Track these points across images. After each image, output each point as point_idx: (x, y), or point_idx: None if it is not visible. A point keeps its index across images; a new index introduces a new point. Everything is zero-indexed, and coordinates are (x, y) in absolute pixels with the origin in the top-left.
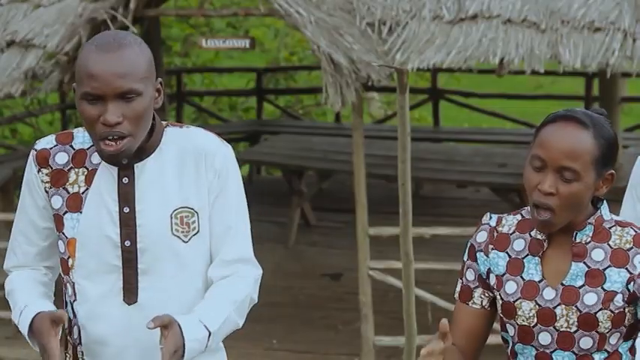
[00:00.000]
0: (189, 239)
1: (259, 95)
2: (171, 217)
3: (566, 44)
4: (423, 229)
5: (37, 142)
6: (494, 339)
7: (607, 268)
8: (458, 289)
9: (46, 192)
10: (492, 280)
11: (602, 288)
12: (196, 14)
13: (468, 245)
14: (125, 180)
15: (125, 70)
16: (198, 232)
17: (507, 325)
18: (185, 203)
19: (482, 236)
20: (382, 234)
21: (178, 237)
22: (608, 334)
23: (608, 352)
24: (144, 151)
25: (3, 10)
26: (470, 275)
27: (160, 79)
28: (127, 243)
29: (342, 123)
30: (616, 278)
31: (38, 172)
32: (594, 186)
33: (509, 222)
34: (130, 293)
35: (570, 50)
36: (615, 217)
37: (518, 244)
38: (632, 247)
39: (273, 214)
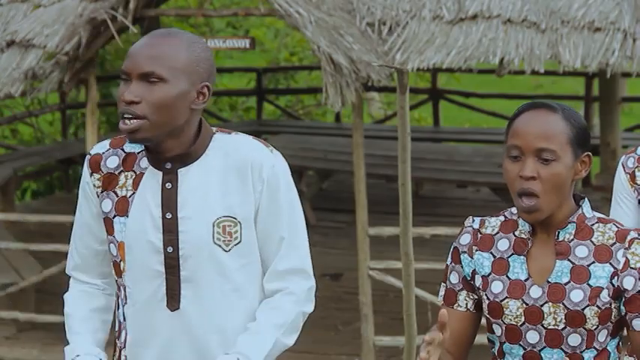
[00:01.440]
0: (231, 249)
1: (259, 95)
2: (214, 226)
3: (566, 44)
4: (423, 229)
5: (92, 146)
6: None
7: (591, 264)
8: (442, 292)
9: (98, 197)
10: (478, 281)
11: (588, 284)
12: (196, 14)
13: (452, 248)
14: (168, 185)
15: (155, 53)
16: (240, 242)
17: (494, 325)
18: (228, 212)
19: (465, 239)
20: (382, 234)
21: (219, 246)
22: (596, 331)
23: (597, 349)
24: (189, 157)
25: (3, 10)
26: (454, 278)
27: (205, 83)
28: (170, 249)
29: (342, 123)
30: (600, 274)
31: (90, 176)
32: (573, 168)
33: (493, 223)
34: (173, 300)
35: (570, 50)
36: (597, 214)
37: (503, 244)
38: (615, 243)
39: None
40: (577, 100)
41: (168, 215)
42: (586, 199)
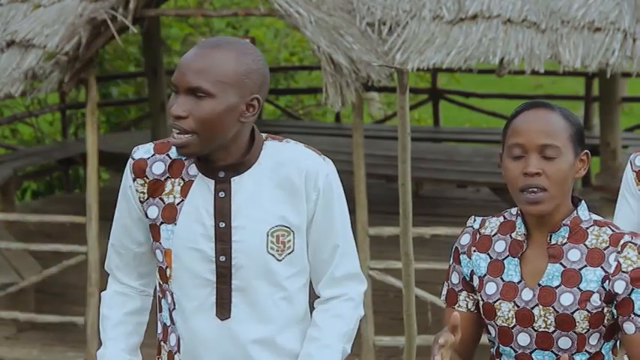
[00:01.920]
0: (284, 258)
1: None
2: (268, 235)
3: (566, 44)
4: (423, 229)
5: (135, 149)
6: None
7: (583, 267)
8: (444, 292)
9: (141, 202)
10: (475, 282)
11: (578, 288)
12: (196, 14)
13: (453, 249)
14: (221, 194)
15: (202, 66)
16: (293, 251)
17: (489, 326)
18: (282, 222)
19: (465, 239)
20: (382, 234)
21: (273, 255)
22: (587, 334)
23: (589, 352)
24: (242, 165)
25: (3, 10)
26: (454, 279)
27: (255, 96)
28: (222, 258)
29: (342, 123)
30: (591, 277)
31: (133, 181)
32: (574, 166)
33: (492, 224)
34: (223, 309)
35: (570, 50)
36: (594, 217)
37: (499, 246)
38: (608, 247)
39: None
40: (577, 100)
41: (222, 224)
42: (583, 201)
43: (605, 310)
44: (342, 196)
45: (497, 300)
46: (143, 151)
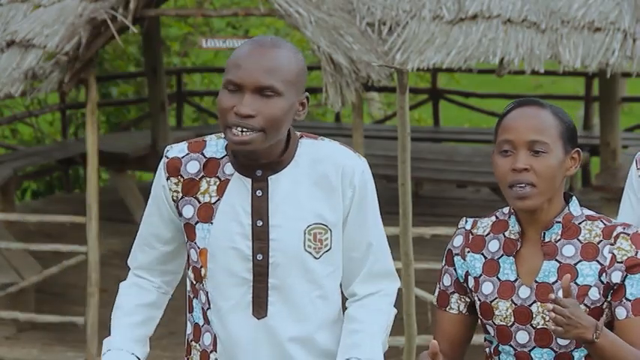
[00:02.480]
0: (321, 256)
1: None
2: (305, 233)
3: (566, 44)
4: (423, 229)
5: (168, 148)
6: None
7: (578, 262)
8: (436, 294)
9: (174, 201)
10: (470, 283)
11: (576, 283)
12: (196, 14)
13: (446, 251)
14: (259, 193)
15: (271, 66)
16: (330, 249)
17: (487, 325)
18: (319, 219)
19: (458, 240)
20: None
21: (310, 253)
22: None
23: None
24: (279, 164)
25: (3, 10)
26: (446, 281)
27: (306, 94)
28: (259, 257)
29: (342, 123)
30: (588, 272)
31: (167, 179)
32: (565, 164)
33: (484, 224)
34: (260, 307)
35: (570, 50)
36: (587, 212)
37: (493, 245)
38: (601, 240)
39: None
40: (577, 100)
41: (259, 223)
42: (574, 197)
43: (604, 304)
44: (375, 194)
45: (494, 299)
46: (177, 150)
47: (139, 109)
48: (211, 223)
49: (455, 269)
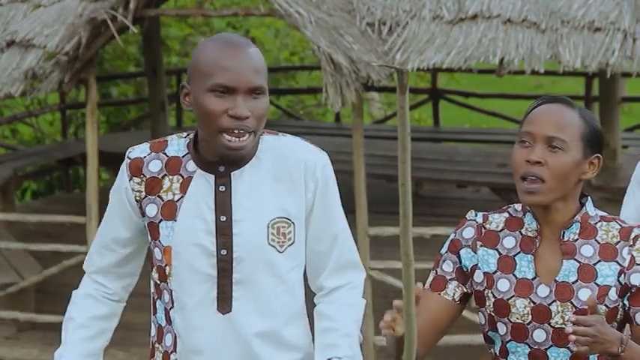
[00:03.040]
0: (285, 249)
1: None
2: (268, 227)
3: (566, 44)
4: (423, 229)
5: (130, 149)
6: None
7: (597, 263)
8: (430, 279)
9: (137, 201)
10: (479, 278)
11: (596, 283)
12: (196, 14)
13: (450, 239)
14: (222, 188)
15: (257, 66)
16: (293, 242)
17: (499, 323)
18: (282, 213)
19: (469, 232)
20: (382, 234)
21: (274, 247)
22: None
23: None
24: (241, 159)
25: (3, 10)
26: (447, 267)
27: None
28: (223, 252)
29: (342, 123)
30: (607, 272)
31: (129, 180)
32: (581, 166)
33: (497, 219)
34: (225, 303)
35: (570, 50)
36: (600, 213)
37: (509, 242)
38: (619, 241)
39: None
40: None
41: (223, 218)
42: (589, 197)
43: (620, 304)
44: (337, 188)
45: (511, 297)
46: (139, 150)
47: (139, 109)
48: (175, 220)
49: (459, 259)
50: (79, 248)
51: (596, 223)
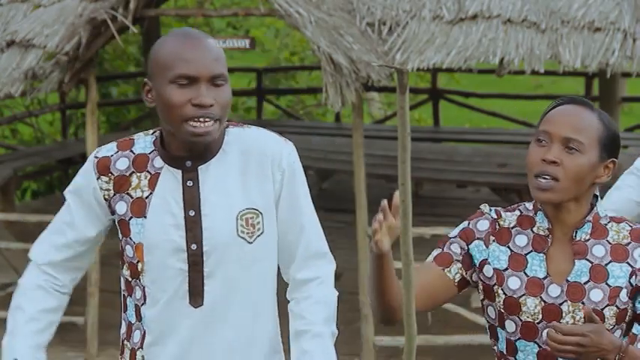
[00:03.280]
0: (254, 240)
1: (260, 95)
2: (237, 219)
3: (566, 44)
4: (423, 229)
5: (97, 149)
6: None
7: (608, 263)
8: (435, 253)
9: (106, 200)
10: (489, 272)
11: (607, 284)
12: (196, 14)
13: (464, 226)
14: (189, 183)
15: (217, 55)
16: (262, 232)
17: (507, 321)
18: (250, 205)
19: (483, 225)
20: None
21: (244, 238)
22: (612, 331)
23: None
24: (208, 153)
25: (3, 10)
26: (455, 249)
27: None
28: (194, 247)
29: (342, 123)
30: (618, 273)
31: (97, 179)
32: (596, 169)
33: (509, 217)
34: (197, 296)
35: (570, 50)
36: (609, 214)
37: (521, 240)
38: (630, 242)
39: None
40: None
41: (191, 213)
42: (599, 198)
43: (629, 306)
44: (304, 177)
45: (522, 295)
46: (106, 149)
47: (139, 109)
48: (145, 217)
49: (468, 247)
50: None
51: (607, 223)
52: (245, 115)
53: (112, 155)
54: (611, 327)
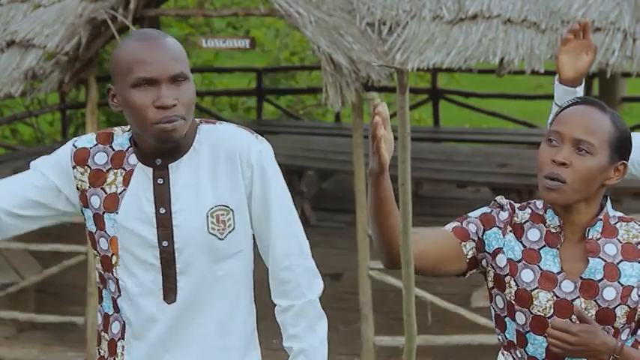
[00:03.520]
0: (225, 236)
1: (260, 95)
2: (208, 217)
3: None
4: (423, 229)
5: (77, 139)
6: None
7: (620, 262)
8: (453, 225)
9: (79, 189)
10: (502, 262)
11: (619, 282)
12: (196, 14)
13: (485, 211)
14: (160, 181)
15: (175, 54)
16: (234, 229)
17: (518, 312)
18: (220, 201)
19: (504, 215)
20: None
21: (215, 235)
22: (621, 330)
23: None
24: (178, 150)
25: (3, 10)
26: (473, 228)
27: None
28: (165, 243)
29: (342, 123)
30: (630, 272)
31: (73, 168)
32: (606, 172)
33: (522, 213)
34: (170, 292)
35: None
36: (617, 213)
37: (533, 234)
38: None
39: None
40: None
41: (162, 210)
42: (608, 198)
43: (639, 305)
44: (279, 172)
45: (535, 288)
46: (86, 140)
47: None
48: (117, 212)
49: (484, 232)
50: (79, 248)
51: (616, 223)
52: (245, 115)
53: (91, 147)
54: (622, 326)
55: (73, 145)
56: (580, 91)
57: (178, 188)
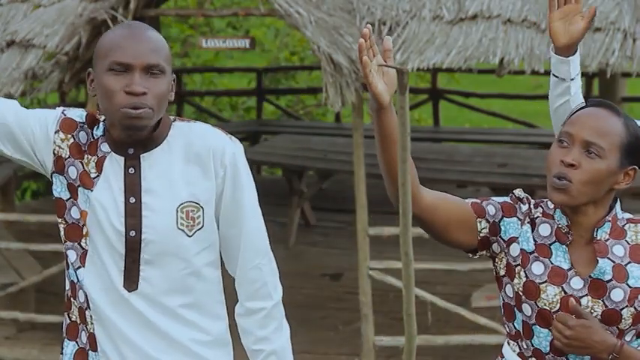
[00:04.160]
0: (194, 233)
1: (259, 95)
2: (177, 211)
3: None
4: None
5: (67, 109)
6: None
7: (628, 263)
8: (472, 200)
9: (55, 154)
10: (515, 252)
11: (627, 284)
12: (196, 14)
13: (507, 199)
14: (131, 170)
15: (154, 45)
16: (202, 226)
17: (524, 304)
18: (191, 198)
19: (524, 208)
20: (382, 234)
21: (183, 231)
22: (626, 331)
23: None
24: (150, 142)
25: (3, 10)
26: (491, 209)
27: (174, 76)
28: (132, 233)
29: (342, 123)
30: (638, 274)
31: (55, 132)
32: (615, 175)
33: (535, 210)
34: (131, 281)
35: None
36: (626, 215)
37: (544, 229)
38: None
39: (273, 214)
40: None
41: (132, 200)
42: (618, 199)
43: None
44: (249, 175)
45: (544, 282)
46: (76, 114)
47: None
48: (91, 190)
49: (503, 219)
50: None
51: (624, 225)
52: (245, 115)
53: (79, 122)
54: (627, 327)
55: (63, 112)
56: (574, 61)
57: (150, 180)
